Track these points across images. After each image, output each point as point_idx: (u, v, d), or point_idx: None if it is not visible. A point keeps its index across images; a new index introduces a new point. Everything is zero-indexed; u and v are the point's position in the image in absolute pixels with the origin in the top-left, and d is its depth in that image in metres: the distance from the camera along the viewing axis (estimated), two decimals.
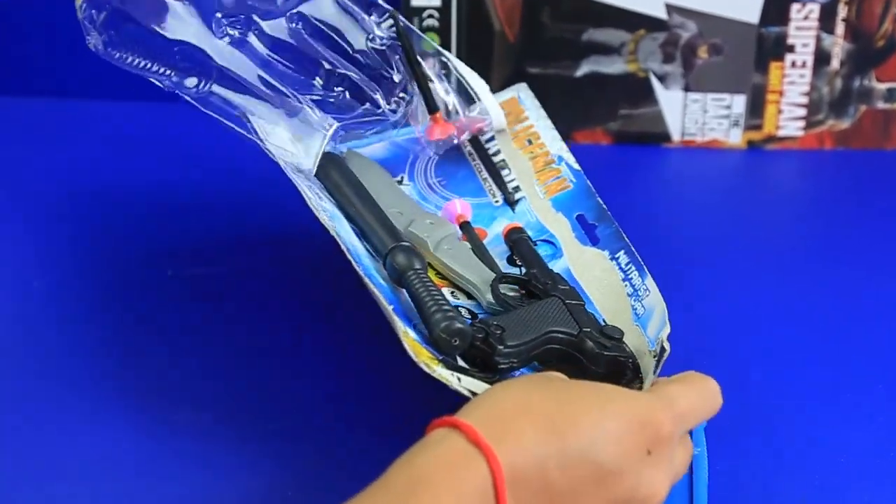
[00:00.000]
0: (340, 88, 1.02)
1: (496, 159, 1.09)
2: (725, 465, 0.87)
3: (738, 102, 1.30)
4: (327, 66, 1.02)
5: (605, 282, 0.95)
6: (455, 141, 1.07)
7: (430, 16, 1.29)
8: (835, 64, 1.29)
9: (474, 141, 1.10)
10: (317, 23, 1.02)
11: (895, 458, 0.88)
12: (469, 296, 0.96)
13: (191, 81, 0.94)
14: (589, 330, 0.88)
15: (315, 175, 0.99)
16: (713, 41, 1.29)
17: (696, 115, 1.31)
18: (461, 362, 0.86)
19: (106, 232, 1.13)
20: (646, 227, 1.18)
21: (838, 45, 1.28)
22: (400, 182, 1.07)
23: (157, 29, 0.93)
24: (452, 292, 0.96)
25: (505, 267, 0.99)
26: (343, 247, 0.89)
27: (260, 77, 0.98)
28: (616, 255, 0.98)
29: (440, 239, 0.98)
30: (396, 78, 1.03)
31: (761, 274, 1.10)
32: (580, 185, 1.05)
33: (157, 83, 0.93)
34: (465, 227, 1.02)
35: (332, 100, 1.01)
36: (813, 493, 0.86)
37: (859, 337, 1.01)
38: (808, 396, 0.95)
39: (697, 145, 1.32)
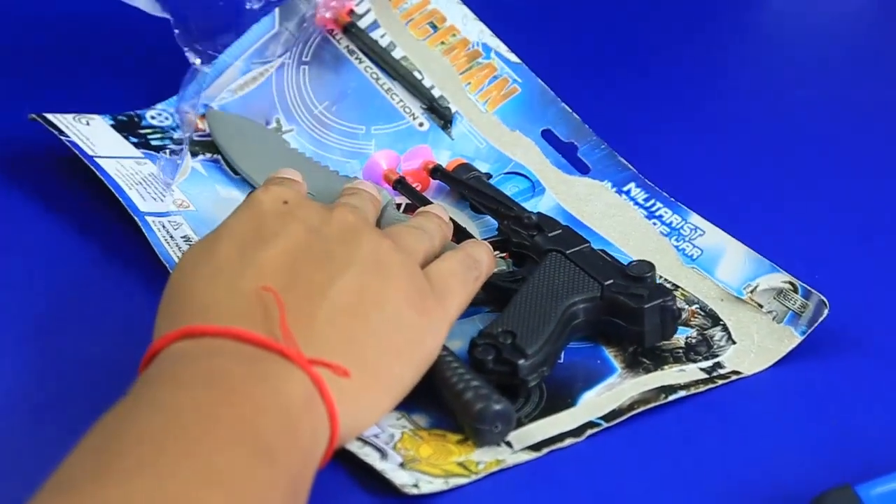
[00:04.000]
0: None
1: (396, 55, 0.84)
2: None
3: None
4: None
5: (619, 218, 0.74)
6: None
7: None
8: None
9: (353, 32, 0.84)
10: None
11: None
12: None
13: None
14: (612, 281, 0.68)
15: None
16: None
17: None
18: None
19: None
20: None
21: None
22: (279, 130, 0.81)
23: None
24: None
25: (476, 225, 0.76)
26: None
27: None
28: (625, 189, 0.76)
29: (378, 224, 0.72)
30: None
31: None
32: (531, 87, 0.82)
33: None
34: (401, 186, 0.78)
35: None
36: None
37: None
38: None
39: None
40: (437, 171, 0.78)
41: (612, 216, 0.74)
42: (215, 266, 0.61)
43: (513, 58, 0.82)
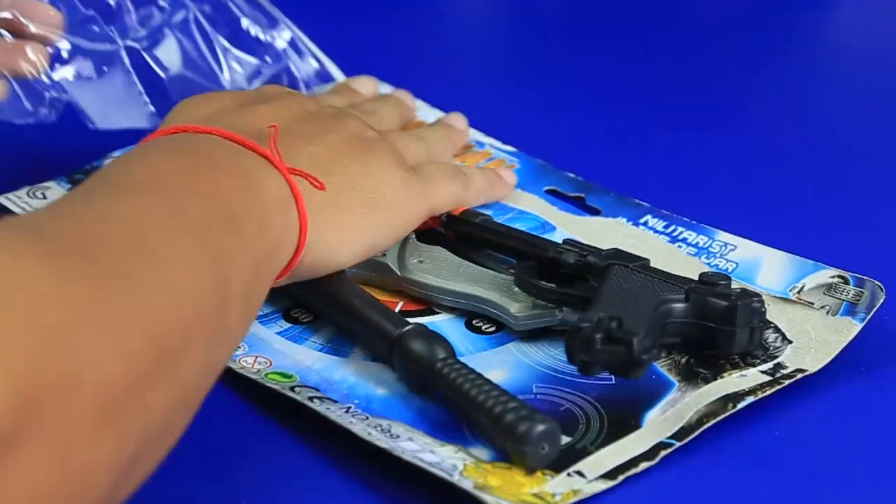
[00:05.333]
0: None
1: None
2: None
3: None
4: None
5: (641, 246, 0.71)
6: None
7: None
8: None
9: None
10: None
11: None
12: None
13: None
14: (694, 285, 0.63)
15: None
16: None
17: None
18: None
19: None
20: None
21: None
22: None
23: None
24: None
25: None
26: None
27: None
28: (641, 221, 0.73)
29: (399, 252, 0.69)
30: None
31: None
32: (529, 165, 0.80)
33: None
34: None
35: None
36: None
37: None
38: None
39: None
40: (451, 222, 0.72)
41: (633, 245, 0.71)
42: (212, 109, 0.64)
43: (508, 147, 0.81)
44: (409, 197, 0.66)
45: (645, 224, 0.73)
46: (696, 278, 0.64)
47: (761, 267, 0.69)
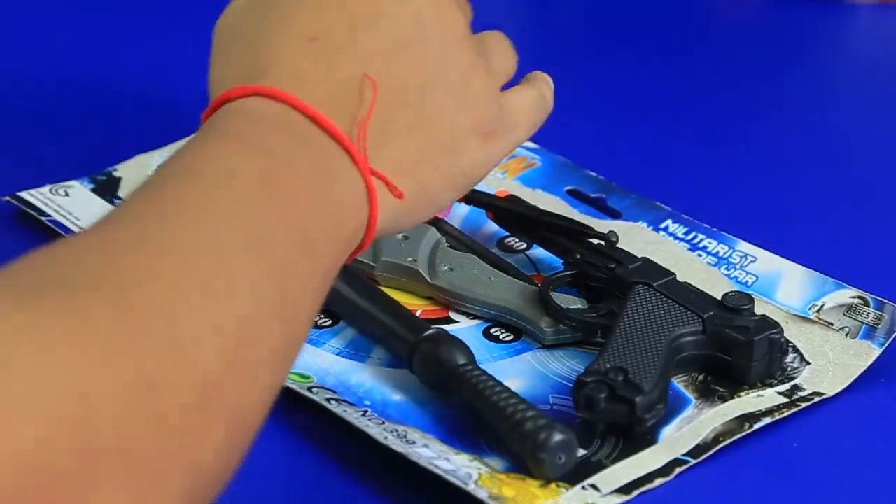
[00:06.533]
0: None
1: None
2: None
3: None
4: None
5: (662, 252, 0.71)
6: None
7: None
8: None
9: None
10: None
11: None
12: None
13: None
14: (713, 314, 0.63)
15: None
16: None
17: None
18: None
19: None
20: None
21: None
22: None
23: None
24: None
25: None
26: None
27: None
28: (661, 226, 0.73)
29: (430, 259, 0.69)
30: None
31: None
32: (550, 161, 0.79)
33: None
34: (437, 223, 0.72)
35: None
36: None
37: None
38: None
39: None
40: (474, 197, 0.71)
41: (653, 252, 0.71)
42: (284, 11, 0.57)
43: (530, 144, 0.80)
44: (485, 163, 0.60)
45: (665, 229, 0.73)
46: (718, 297, 0.64)
47: (781, 281, 0.69)
